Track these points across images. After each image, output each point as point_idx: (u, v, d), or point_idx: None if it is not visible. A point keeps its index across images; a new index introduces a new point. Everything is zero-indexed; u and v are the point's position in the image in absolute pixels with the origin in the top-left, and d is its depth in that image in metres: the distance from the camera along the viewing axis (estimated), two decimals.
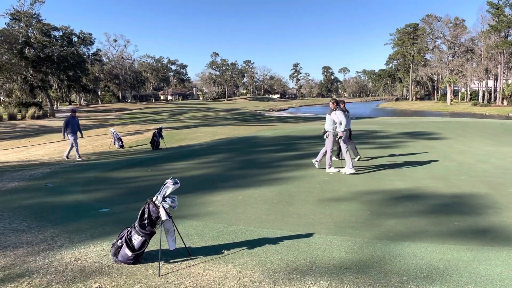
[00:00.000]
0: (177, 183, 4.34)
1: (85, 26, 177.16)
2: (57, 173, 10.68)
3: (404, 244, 4.92)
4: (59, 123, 40.27)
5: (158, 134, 16.24)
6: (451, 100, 76.24)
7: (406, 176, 9.25)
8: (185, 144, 17.89)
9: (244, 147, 15.66)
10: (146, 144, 18.13)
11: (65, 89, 68.94)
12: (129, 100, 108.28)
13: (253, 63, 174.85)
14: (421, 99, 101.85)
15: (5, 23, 65.85)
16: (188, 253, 4.63)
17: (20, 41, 58.68)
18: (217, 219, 6.09)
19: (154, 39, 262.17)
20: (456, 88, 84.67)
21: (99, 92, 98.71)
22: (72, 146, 14.15)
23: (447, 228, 5.59)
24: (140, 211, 4.39)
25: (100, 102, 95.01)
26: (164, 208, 4.29)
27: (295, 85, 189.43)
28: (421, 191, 7.75)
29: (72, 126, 14.11)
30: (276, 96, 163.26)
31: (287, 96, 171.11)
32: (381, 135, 18.42)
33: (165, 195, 4.31)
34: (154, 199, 4.38)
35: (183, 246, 4.67)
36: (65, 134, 14.12)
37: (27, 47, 61.93)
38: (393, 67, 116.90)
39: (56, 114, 51.50)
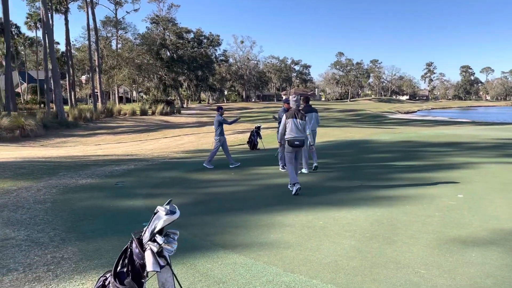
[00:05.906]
0: (174, 212, 2.70)
1: (214, 27, 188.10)
2: (137, 171, 10.00)
3: None
4: (183, 120, 42.41)
5: (255, 133, 14.92)
6: None
7: None
8: None
9: (352, 153, 13.42)
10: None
11: (193, 88, 73.44)
12: (253, 100, 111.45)
13: (381, 62, 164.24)
14: None
15: (146, 27, 72.92)
16: None
17: (157, 43, 64.19)
18: (274, 257, 4.28)
19: (280, 39, 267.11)
20: None
21: (225, 92, 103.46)
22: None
23: None
24: (121, 252, 2.85)
25: (226, 101, 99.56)
26: (152, 251, 2.67)
27: (427, 86, 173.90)
28: None
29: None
30: (404, 97, 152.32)
31: (417, 98, 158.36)
32: None
33: (155, 231, 2.68)
34: (142, 234, 2.80)
35: None
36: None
37: (163, 49, 67.49)
38: None
39: (182, 111, 54.82)
